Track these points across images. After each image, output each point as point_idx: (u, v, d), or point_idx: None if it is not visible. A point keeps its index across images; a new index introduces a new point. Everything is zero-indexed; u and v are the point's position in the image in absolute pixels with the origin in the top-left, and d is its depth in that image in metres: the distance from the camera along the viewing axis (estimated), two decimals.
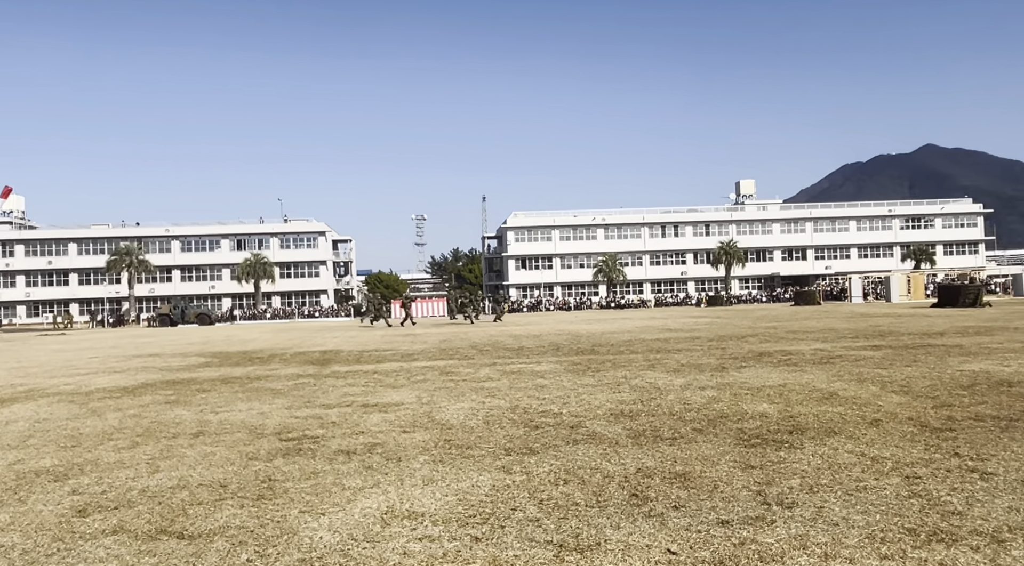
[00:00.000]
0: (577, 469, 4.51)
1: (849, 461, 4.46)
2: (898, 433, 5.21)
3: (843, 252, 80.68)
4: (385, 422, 6.48)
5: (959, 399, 6.52)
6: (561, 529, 3.41)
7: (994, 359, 9.63)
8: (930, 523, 3.27)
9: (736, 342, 14.70)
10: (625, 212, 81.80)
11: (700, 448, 4.97)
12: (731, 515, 3.50)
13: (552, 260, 79.71)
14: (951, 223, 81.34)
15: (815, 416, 5.99)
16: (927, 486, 3.85)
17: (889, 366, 9.31)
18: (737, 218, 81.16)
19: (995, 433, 5.05)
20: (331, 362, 13.59)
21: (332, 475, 4.59)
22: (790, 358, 10.88)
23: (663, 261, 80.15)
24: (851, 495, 3.75)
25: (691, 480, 4.16)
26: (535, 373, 10.12)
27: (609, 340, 16.96)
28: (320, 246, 79.82)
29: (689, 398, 7.21)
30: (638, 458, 4.75)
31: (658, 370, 9.90)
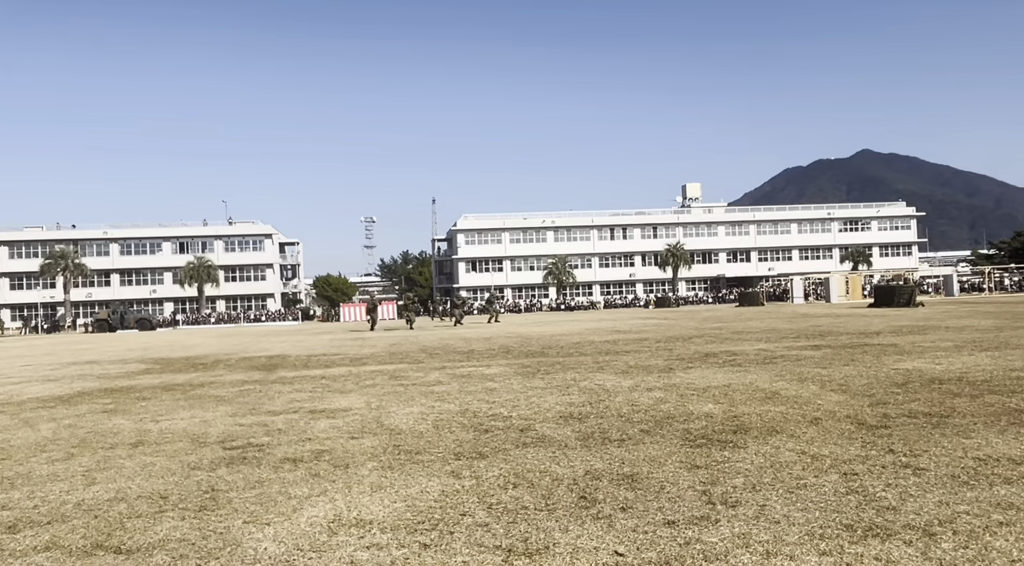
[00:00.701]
0: (526, 473, 4.52)
1: (790, 459, 4.57)
2: (837, 431, 5.36)
3: (785, 254, 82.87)
4: (333, 428, 6.39)
5: (894, 397, 6.76)
6: (510, 533, 3.41)
7: (926, 358, 10.01)
8: (866, 519, 3.37)
9: (683, 343, 14.95)
10: (575, 215, 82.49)
11: (647, 449, 5.03)
12: (677, 515, 3.56)
13: (502, 262, 79.86)
14: (886, 226, 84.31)
15: (758, 415, 6.13)
16: (864, 482, 3.97)
17: (828, 365, 9.59)
18: (684, 221, 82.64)
19: (927, 429, 5.25)
20: (278, 367, 13.34)
21: (278, 484, 4.51)
22: (735, 358, 11.11)
23: (612, 263, 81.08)
24: (792, 493, 3.85)
25: (638, 481, 4.21)
26: (485, 376, 10.11)
27: (559, 342, 17.06)
28: (266, 249, 78.33)
29: (637, 400, 7.30)
30: (587, 460, 4.78)
31: (607, 372, 10.00)
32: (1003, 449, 4.56)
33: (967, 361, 9.34)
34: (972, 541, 3.03)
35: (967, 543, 3.01)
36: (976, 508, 3.45)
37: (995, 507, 3.45)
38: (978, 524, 3.22)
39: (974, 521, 3.27)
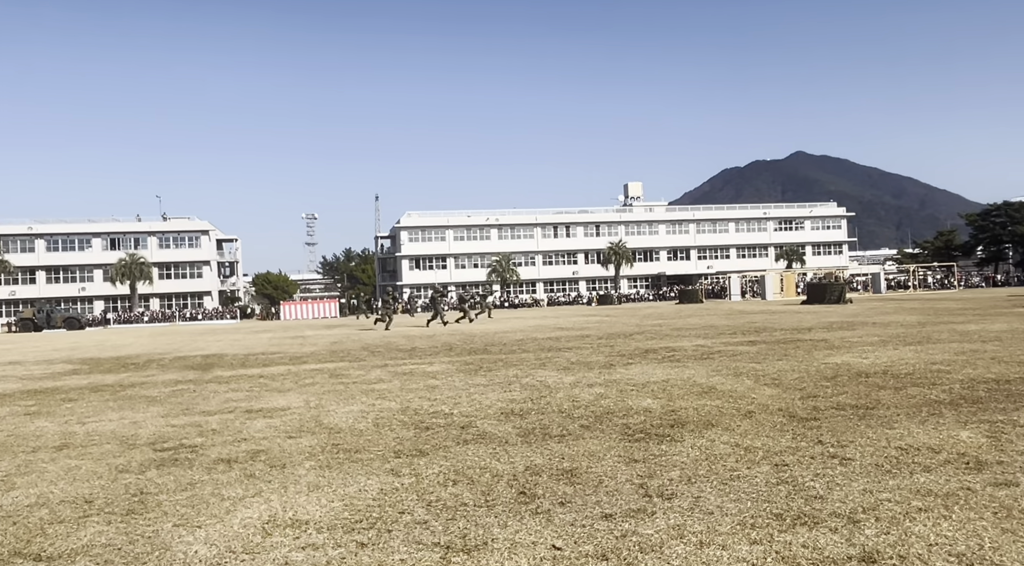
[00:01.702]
0: (466, 469, 4.51)
1: (725, 452, 4.68)
2: (769, 424, 5.51)
3: (723, 252, 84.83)
4: (270, 428, 6.25)
5: (823, 390, 6.99)
6: (449, 530, 3.39)
7: (854, 352, 10.38)
8: (795, 508, 3.47)
9: (624, 340, 15.16)
10: (518, 213, 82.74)
11: (587, 444, 5.08)
12: (614, 509, 3.60)
13: (446, 260, 79.57)
14: (819, 225, 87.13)
15: (695, 410, 6.26)
16: (793, 473, 4.09)
17: (763, 360, 9.85)
18: (626, 219, 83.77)
19: (854, 421, 5.44)
20: (213, 367, 13.00)
21: (210, 485, 4.38)
22: (673, 354, 11.32)
23: (555, 261, 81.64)
24: (725, 484, 3.93)
25: (577, 476, 4.25)
26: (427, 374, 10.06)
27: (502, 339, 17.08)
28: (203, 245, 76.19)
29: (578, 395, 7.37)
30: (527, 456, 4.80)
31: (549, 368, 10.06)
32: (923, 439, 4.76)
33: (892, 355, 9.73)
34: (893, 527, 3.15)
35: (888, 529, 3.13)
36: (897, 495, 3.59)
37: (915, 494, 3.60)
38: (899, 511, 3.36)
39: (895, 508, 3.40)
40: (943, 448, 4.49)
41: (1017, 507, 3.32)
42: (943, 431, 4.96)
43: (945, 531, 3.07)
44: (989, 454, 4.29)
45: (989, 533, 3.02)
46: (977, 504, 3.39)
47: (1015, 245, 75.10)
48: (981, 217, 78.89)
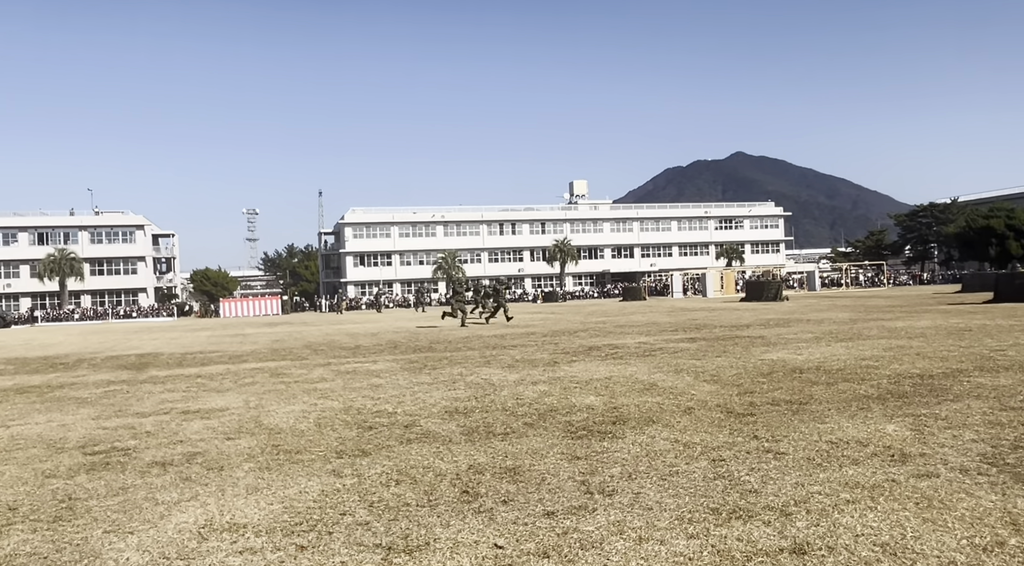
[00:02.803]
0: (409, 469, 4.48)
1: (664, 448, 4.77)
2: (708, 419, 5.64)
3: (666, 250, 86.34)
4: (207, 429, 6.10)
5: (760, 386, 7.18)
6: (391, 531, 3.37)
7: (789, 348, 10.70)
8: (731, 502, 3.56)
9: (568, 337, 15.29)
10: (464, 210, 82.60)
11: (530, 442, 5.11)
12: (556, 506, 3.63)
13: (391, 257, 78.90)
14: (757, 224, 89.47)
15: (636, 406, 6.36)
16: (730, 467, 4.20)
17: (702, 357, 10.07)
18: (571, 217, 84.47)
19: (788, 416, 5.61)
20: (148, 366, 12.61)
21: (144, 490, 4.25)
22: (616, 352, 11.47)
23: (501, 258, 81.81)
24: (665, 480, 4.01)
25: (520, 474, 4.27)
26: (371, 372, 9.96)
27: (447, 337, 17.03)
28: (138, 241, 73.79)
29: (522, 393, 7.40)
30: (470, 455, 4.80)
31: (493, 366, 10.08)
32: (852, 433, 4.94)
33: (825, 351, 10.06)
34: (823, 519, 3.26)
35: (818, 521, 3.24)
36: (827, 488, 3.72)
37: (844, 486, 3.73)
38: (828, 503, 3.48)
39: (825, 500, 3.52)
40: (870, 441, 4.66)
41: (937, 498, 3.48)
42: (871, 425, 5.15)
43: (871, 522, 3.19)
44: (913, 447, 4.48)
45: (911, 523, 3.16)
46: (901, 495, 3.54)
47: (940, 245, 78.46)
48: (909, 218, 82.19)
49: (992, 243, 62.63)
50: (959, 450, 4.34)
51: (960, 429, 4.89)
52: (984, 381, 6.82)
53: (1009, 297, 21.90)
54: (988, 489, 3.57)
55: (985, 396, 6.05)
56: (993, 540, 2.92)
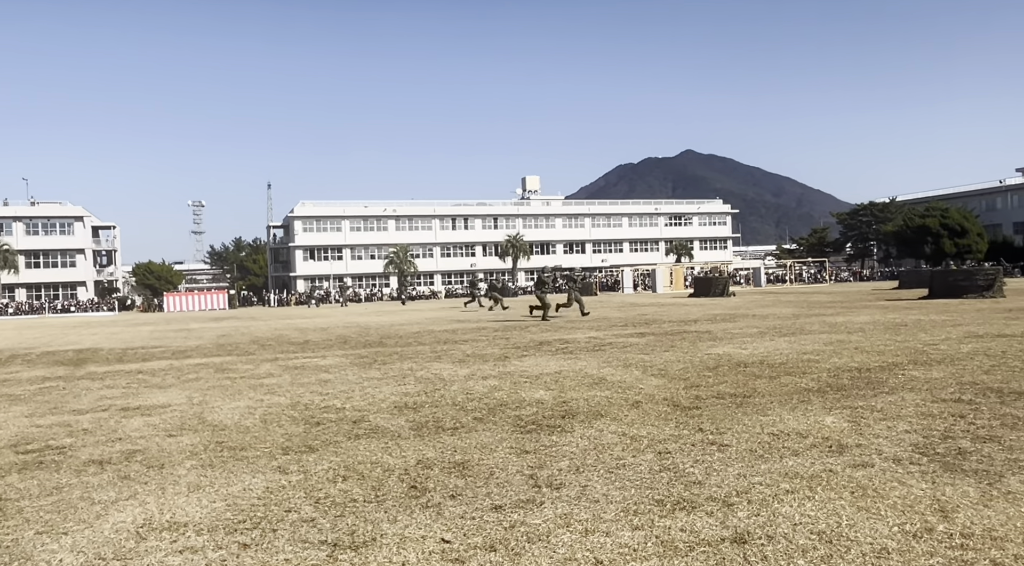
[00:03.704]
0: (357, 465, 4.44)
1: (612, 441, 4.82)
2: (655, 413, 5.72)
3: (617, 246, 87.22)
4: (148, 426, 5.94)
5: (705, 380, 7.32)
6: (337, 527, 3.34)
7: (735, 343, 10.93)
8: (675, 493, 3.63)
9: (520, 332, 15.33)
10: (417, 204, 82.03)
11: (480, 436, 5.11)
12: (504, 500, 3.64)
13: (342, 251, 77.88)
14: (706, 221, 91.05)
15: (585, 400, 6.41)
16: (675, 460, 4.27)
17: (651, 352, 10.21)
18: (523, 212, 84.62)
19: (732, 409, 5.73)
20: (87, 362, 12.21)
21: (80, 489, 4.12)
22: (567, 346, 11.55)
23: (453, 253, 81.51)
24: (612, 473, 4.06)
25: (469, 468, 4.27)
26: (319, 368, 9.83)
27: (398, 332, 16.92)
28: (77, 233, 71.28)
29: (472, 388, 7.40)
30: (419, 450, 4.78)
31: (444, 361, 10.05)
32: (793, 425, 5.08)
33: (768, 346, 10.31)
34: (763, 509, 3.35)
35: (759, 511, 3.32)
36: (768, 479, 3.81)
37: (784, 477, 3.83)
38: (769, 493, 3.57)
39: (766, 490, 3.61)
40: (810, 433, 4.80)
41: (871, 487, 3.60)
42: (811, 417, 5.30)
43: (809, 511, 3.29)
44: (850, 438, 4.62)
45: (847, 511, 3.26)
46: (837, 485, 3.65)
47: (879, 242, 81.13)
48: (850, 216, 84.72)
49: (927, 241, 65.04)
50: (893, 441, 4.50)
51: (894, 420, 5.06)
52: (917, 374, 7.08)
53: (942, 293, 22.76)
54: (919, 478, 3.71)
55: (918, 389, 6.29)
56: (923, 527, 3.04)
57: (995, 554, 2.73)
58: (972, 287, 22.11)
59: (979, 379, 6.64)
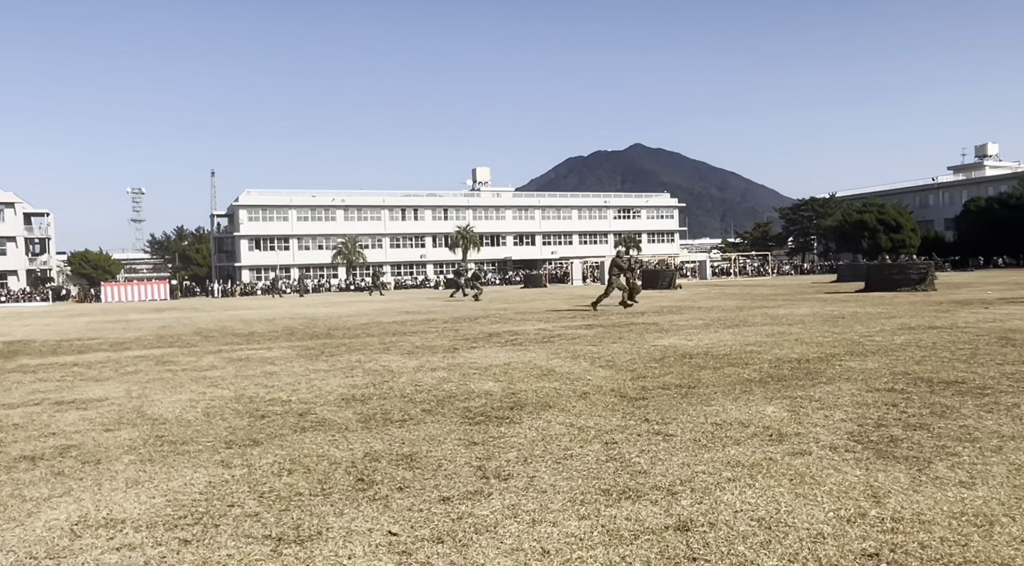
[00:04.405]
0: (303, 458, 4.38)
1: (560, 432, 4.86)
2: (602, 404, 5.79)
3: (566, 238, 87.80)
4: (84, 420, 5.74)
5: (652, 371, 7.44)
6: (281, 521, 3.29)
7: (681, 335, 11.13)
8: (621, 483, 3.68)
9: (469, 323, 15.32)
10: (366, 194, 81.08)
11: (428, 428, 5.10)
12: (452, 491, 3.64)
13: (289, 241, 76.52)
14: (654, 215, 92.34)
15: (534, 392, 6.45)
16: (621, 450, 4.33)
17: (599, 343, 10.32)
18: (473, 204, 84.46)
19: (677, 400, 5.84)
20: (18, 354, 11.74)
21: (10, 486, 3.96)
22: (517, 338, 11.59)
23: (403, 244, 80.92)
24: (559, 463, 4.09)
25: (417, 460, 4.25)
26: (265, 359, 9.65)
27: (346, 323, 16.73)
28: (7, 219, 68.36)
29: (421, 380, 7.36)
30: (367, 442, 4.74)
31: (393, 353, 9.98)
32: (735, 414, 5.20)
33: (713, 337, 10.53)
34: (706, 496, 3.42)
35: (702, 499, 3.39)
36: (711, 468, 3.90)
37: (726, 465, 3.92)
38: (711, 481, 3.65)
39: (708, 479, 3.69)
40: (751, 422, 4.92)
41: (809, 474, 3.71)
42: (752, 407, 5.44)
43: (749, 498, 3.37)
44: (789, 427, 4.76)
45: (785, 498, 3.36)
46: (776, 472, 3.76)
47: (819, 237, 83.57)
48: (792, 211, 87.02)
49: (865, 236, 67.31)
50: (830, 429, 4.65)
51: (831, 409, 5.23)
52: (854, 365, 7.33)
53: (878, 286, 23.57)
54: (854, 465, 3.84)
55: (854, 378, 6.50)
56: (856, 511, 3.15)
57: (923, 537, 2.85)
58: (906, 280, 22.95)
59: (911, 369, 6.91)
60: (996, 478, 3.54)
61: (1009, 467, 3.70)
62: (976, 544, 2.77)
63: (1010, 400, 5.31)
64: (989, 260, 63.29)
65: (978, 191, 75.65)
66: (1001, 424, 4.61)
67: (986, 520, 3.00)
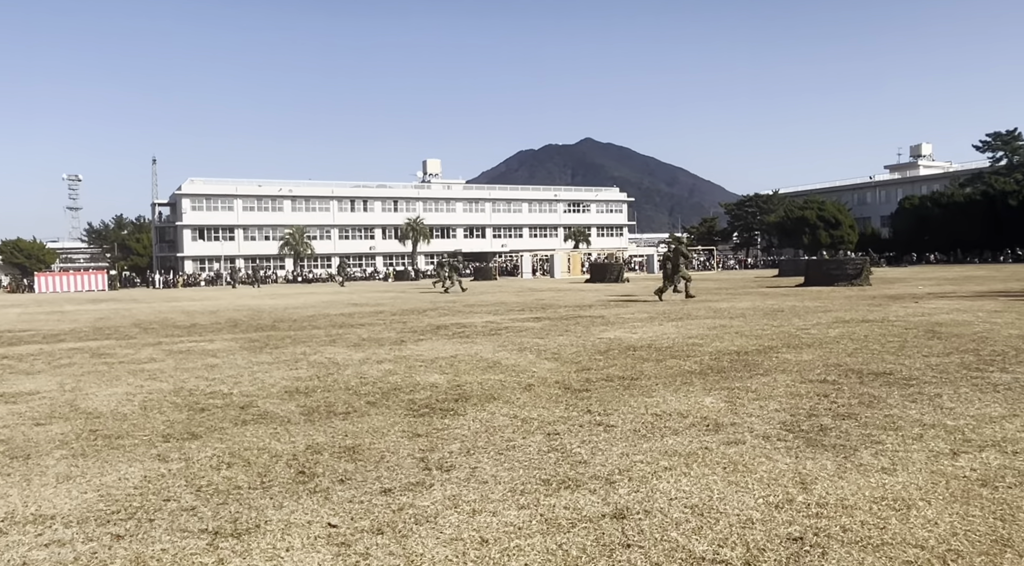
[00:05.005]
0: (243, 451, 4.32)
1: (503, 423, 4.91)
2: (546, 396, 5.86)
3: (517, 231, 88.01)
4: (13, 414, 5.55)
5: (596, 363, 7.55)
6: (219, 515, 3.25)
7: (626, 328, 11.30)
8: (561, 473, 3.74)
9: (417, 316, 15.26)
10: (314, 184, 79.80)
11: (372, 421, 5.09)
12: (394, 483, 3.65)
13: (234, 231, 74.82)
14: (603, 209, 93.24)
15: (479, 384, 6.48)
16: (563, 441, 4.40)
17: (546, 336, 10.41)
18: (424, 196, 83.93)
19: (620, 391, 5.95)
20: None
21: None
22: (464, 331, 11.60)
23: (352, 235, 79.94)
24: (501, 454, 4.13)
25: (360, 453, 4.24)
26: (206, 352, 9.46)
27: (292, 315, 16.48)
28: None
29: (366, 372, 7.33)
30: (309, 435, 4.71)
31: (339, 345, 9.89)
32: (675, 405, 5.33)
33: (657, 330, 10.73)
34: (643, 485, 3.51)
35: (639, 487, 3.48)
36: (649, 457, 3.99)
37: (663, 455, 4.02)
38: (648, 471, 3.74)
39: (646, 468, 3.78)
40: (690, 413, 5.05)
41: (742, 462, 3.83)
42: (691, 398, 5.58)
43: (684, 486, 3.47)
44: (725, 417, 4.90)
45: (718, 486, 3.47)
46: (711, 461, 3.87)
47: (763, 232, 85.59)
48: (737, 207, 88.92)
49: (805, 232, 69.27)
50: (764, 419, 4.80)
51: (766, 400, 5.40)
52: (790, 357, 7.57)
53: (817, 281, 24.30)
54: (784, 453, 3.98)
55: (789, 370, 6.72)
56: (784, 498, 3.27)
57: (845, 521, 2.98)
58: (843, 276, 23.71)
59: (843, 361, 7.17)
60: (916, 464, 3.71)
61: (928, 454, 3.89)
62: (894, 527, 2.91)
63: (933, 390, 5.57)
64: (922, 256, 65.86)
65: (912, 189, 78.61)
66: (923, 413, 4.83)
67: (904, 504, 3.15)
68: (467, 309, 17.19)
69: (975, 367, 6.59)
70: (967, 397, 5.30)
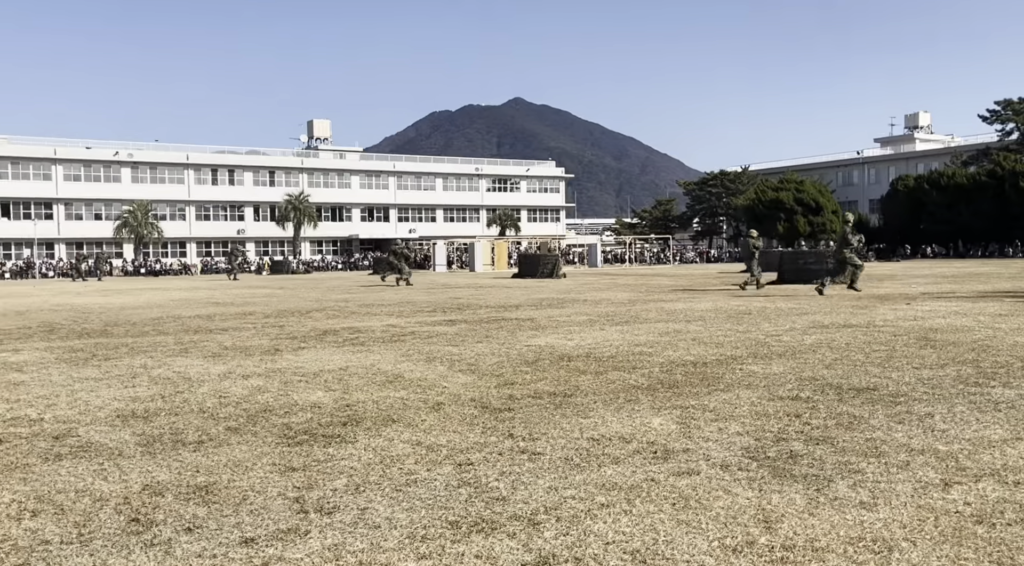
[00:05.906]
0: (55, 495, 4.16)
1: (404, 452, 4.89)
2: (459, 417, 5.87)
3: (428, 214, 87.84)
4: None
5: (522, 376, 7.61)
6: None
7: (560, 333, 11.44)
8: (474, 513, 3.75)
9: (299, 318, 15.05)
10: (163, 148, 77.55)
11: (233, 452, 4.99)
12: (258, 531, 3.58)
13: (52, 207, 71.80)
14: (536, 187, 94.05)
15: (375, 403, 6.45)
16: (477, 473, 4.41)
17: (461, 343, 10.43)
18: (309, 166, 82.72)
19: (549, 410, 6.01)
20: None
21: None
22: (358, 336, 11.51)
23: (214, 215, 78.05)
24: (399, 491, 4.11)
25: (215, 493, 4.15)
26: (9, 365, 9.11)
27: (130, 318, 16.00)
28: None
29: (228, 390, 7.20)
30: (148, 471, 4.57)
31: (193, 356, 9.67)
32: (616, 428, 5.42)
33: (598, 336, 10.90)
34: (573, 526, 3.55)
35: (568, 529, 3.52)
36: (582, 492, 4.04)
37: (600, 489, 4.08)
38: (581, 508, 3.79)
39: (578, 505, 3.83)
40: (634, 437, 5.15)
41: (694, 497, 3.93)
42: (636, 418, 5.69)
43: (624, 527, 3.53)
44: (677, 442, 5.01)
45: (665, 526, 3.54)
46: (658, 496, 3.95)
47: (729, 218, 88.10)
48: (698, 186, 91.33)
49: (780, 219, 71.59)
50: (723, 444, 4.93)
51: (727, 421, 5.55)
52: (756, 369, 7.81)
53: (792, 278, 25.16)
54: (746, 485, 4.10)
55: (756, 385, 6.93)
56: (744, 540, 3.36)
57: None
58: (823, 271, 24.61)
59: (819, 374, 7.44)
60: (900, 497, 3.88)
61: (915, 485, 4.08)
62: None
63: (924, 409, 5.84)
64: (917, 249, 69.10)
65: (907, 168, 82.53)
66: (911, 436, 5.06)
67: (885, 546, 3.29)
68: (363, 309, 17.04)
69: (974, 381, 6.95)
70: (963, 417, 5.59)
